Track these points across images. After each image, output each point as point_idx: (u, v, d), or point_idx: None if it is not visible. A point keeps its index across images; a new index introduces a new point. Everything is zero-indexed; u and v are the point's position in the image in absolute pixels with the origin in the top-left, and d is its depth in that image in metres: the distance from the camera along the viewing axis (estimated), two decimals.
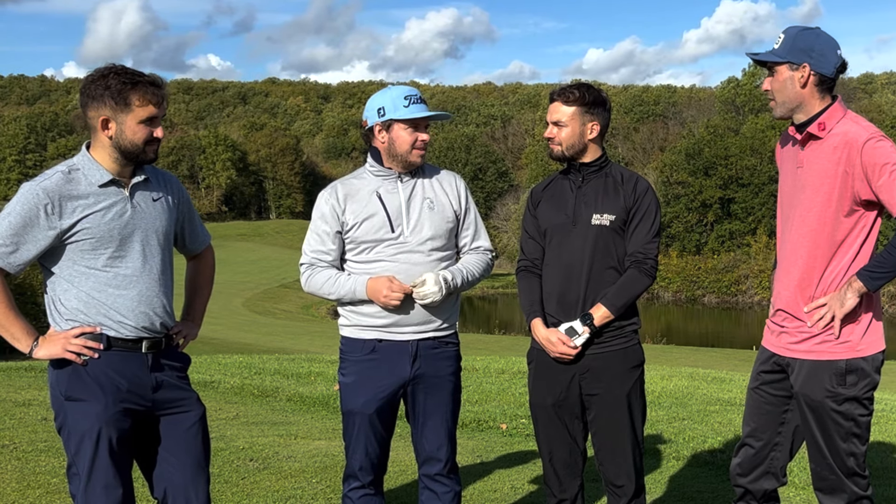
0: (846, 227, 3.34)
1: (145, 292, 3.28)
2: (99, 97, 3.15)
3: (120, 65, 3.21)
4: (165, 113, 3.27)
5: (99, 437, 3.20)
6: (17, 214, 3.12)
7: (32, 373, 9.92)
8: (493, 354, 17.80)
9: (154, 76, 3.22)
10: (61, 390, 3.26)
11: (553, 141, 3.82)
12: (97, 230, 3.18)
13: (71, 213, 3.15)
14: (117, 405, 3.23)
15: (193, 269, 3.70)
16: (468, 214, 3.86)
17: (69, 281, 3.23)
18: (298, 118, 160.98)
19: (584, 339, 3.71)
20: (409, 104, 3.68)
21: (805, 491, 5.33)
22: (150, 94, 3.17)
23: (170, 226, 3.40)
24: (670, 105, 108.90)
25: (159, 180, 3.42)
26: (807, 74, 3.35)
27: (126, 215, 3.24)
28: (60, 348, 3.20)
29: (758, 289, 58.78)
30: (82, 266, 3.21)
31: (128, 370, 3.27)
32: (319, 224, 3.77)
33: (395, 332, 3.71)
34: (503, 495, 5.27)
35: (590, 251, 3.74)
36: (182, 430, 3.39)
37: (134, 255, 3.26)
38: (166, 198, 3.40)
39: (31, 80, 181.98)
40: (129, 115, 3.16)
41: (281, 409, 8.09)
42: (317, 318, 48.97)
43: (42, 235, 3.14)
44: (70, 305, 3.23)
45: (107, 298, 3.23)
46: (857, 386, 3.36)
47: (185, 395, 3.43)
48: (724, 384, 11.03)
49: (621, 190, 3.80)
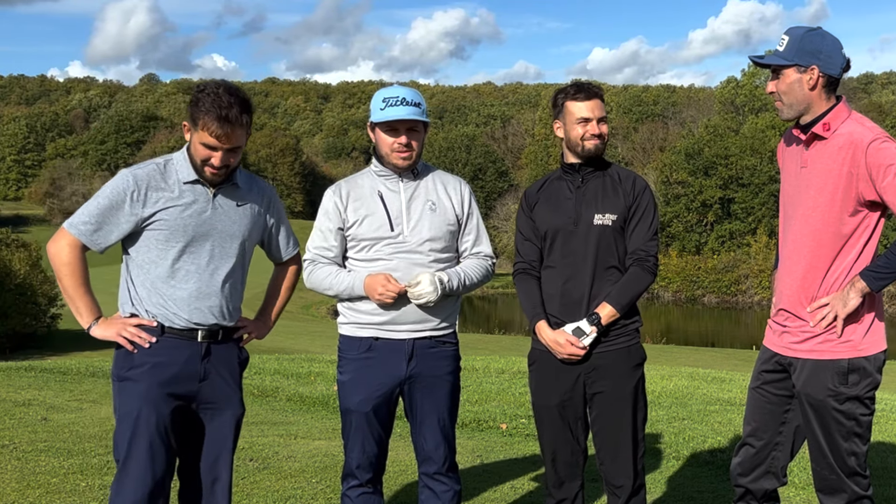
0: (849, 227, 3.34)
1: (204, 290, 3.41)
2: (190, 107, 3.33)
3: (224, 86, 3.29)
4: (240, 145, 3.34)
5: (139, 417, 3.31)
6: (106, 197, 3.34)
7: (32, 373, 9.91)
8: (493, 354, 17.80)
9: (235, 112, 3.25)
10: (116, 372, 3.41)
11: (600, 138, 3.77)
12: (173, 222, 3.34)
13: (154, 202, 3.34)
14: (161, 388, 3.34)
15: (276, 274, 3.85)
16: (471, 219, 3.86)
17: (140, 267, 3.40)
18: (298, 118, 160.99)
19: (591, 339, 3.71)
20: (386, 107, 3.65)
21: (805, 491, 5.33)
22: (216, 127, 3.26)
23: (251, 232, 3.52)
24: (670, 105, 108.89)
25: (251, 187, 3.54)
26: (816, 76, 3.34)
27: (205, 214, 3.39)
28: (115, 332, 3.36)
29: (758, 289, 58.77)
30: (154, 255, 3.37)
31: (178, 356, 3.39)
32: (323, 221, 3.79)
33: (391, 330, 3.71)
34: (503, 495, 5.27)
35: (593, 251, 3.74)
36: (214, 428, 3.49)
37: (202, 253, 3.40)
38: (252, 205, 3.53)
39: (31, 80, 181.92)
40: (195, 133, 3.32)
41: (281, 409, 8.08)
42: (317, 317, 48.94)
43: (125, 220, 3.34)
44: (140, 292, 3.39)
45: (167, 289, 3.38)
46: (858, 385, 3.36)
47: (229, 393, 3.51)
48: (724, 384, 11.03)
49: (620, 189, 3.80)
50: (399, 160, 3.70)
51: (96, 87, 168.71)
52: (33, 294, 30.05)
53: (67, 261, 3.34)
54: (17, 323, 28.45)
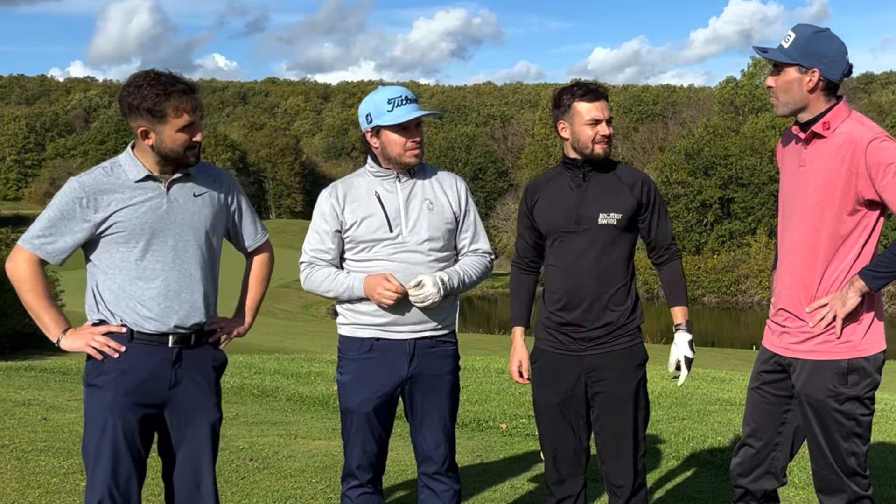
0: (848, 226, 3.33)
1: (173, 287, 3.32)
2: (135, 109, 3.20)
3: (153, 72, 3.23)
4: (203, 114, 3.31)
5: (105, 426, 3.27)
6: (55, 207, 3.27)
7: (32, 373, 9.90)
8: (492, 354, 17.78)
9: (187, 82, 3.24)
10: (85, 377, 3.36)
11: (608, 140, 3.76)
12: (129, 223, 3.26)
13: (106, 206, 3.25)
14: (127, 397, 3.28)
15: (247, 266, 3.71)
16: (468, 216, 3.85)
17: (104, 272, 3.32)
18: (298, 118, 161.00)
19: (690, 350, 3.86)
20: (393, 108, 3.63)
21: (805, 491, 5.33)
22: (184, 103, 3.19)
23: (213, 222, 3.42)
24: (669, 105, 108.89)
25: (206, 176, 3.44)
26: (816, 79, 3.33)
27: (161, 210, 3.30)
28: (84, 343, 3.30)
29: (757, 289, 58.80)
30: (116, 258, 3.30)
31: (147, 363, 3.32)
32: (319, 223, 3.77)
33: (392, 330, 3.71)
34: (503, 495, 5.27)
35: (598, 250, 3.73)
36: (189, 436, 3.42)
37: (165, 250, 3.32)
38: (211, 194, 3.43)
39: (31, 80, 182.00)
40: (165, 125, 3.21)
41: (281, 409, 8.08)
42: (317, 317, 48.94)
43: (78, 227, 3.26)
44: (105, 297, 3.33)
45: (135, 291, 3.30)
46: (858, 385, 3.35)
47: (203, 399, 3.42)
48: (724, 384, 11.03)
49: (625, 188, 3.79)
50: (413, 158, 3.69)
51: (96, 87, 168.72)
52: None
53: (25, 277, 3.27)
54: (17, 323, 28.41)
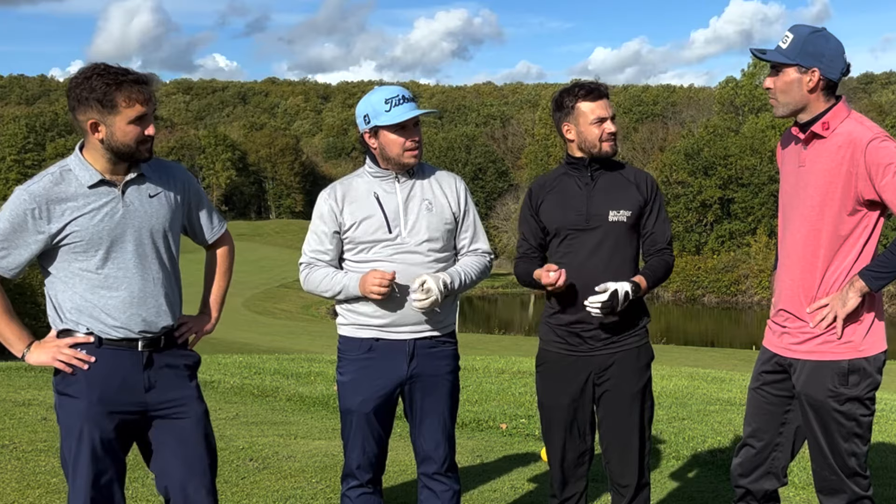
0: (848, 226, 3.33)
1: (137, 293, 3.21)
2: (84, 100, 3.07)
3: (103, 64, 3.11)
4: (156, 108, 3.20)
5: (81, 434, 3.18)
6: (6, 220, 3.10)
7: (32, 373, 9.89)
8: (492, 354, 17.81)
9: (139, 73, 3.13)
10: (56, 385, 3.26)
11: (614, 137, 3.78)
12: (86, 233, 3.12)
13: (60, 216, 3.10)
14: (101, 405, 3.19)
15: (208, 259, 3.61)
16: (467, 216, 3.84)
17: (64, 282, 3.19)
18: (298, 118, 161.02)
19: (608, 295, 3.57)
20: (391, 108, 3.61)
21: (805, 491, 5.33)
22: (136, 93, 3.07)
23: (171, 221, 3.31)
24: (669, 105, 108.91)
25: (161, 174, 3.32)
26: (816, 79, 3.33)
27: (117, 215, 3.16)
28: (51, 357, 3.19)
29: (758, 289, 58.83)
30: (76, 268, 3.17)
31: (118, 369, 3.21)
32: (318, 224, 3.76)
33: (392, 331, 3.70)
34: (503, 495, 5.26)
35: (609, 248, 3.73)
36: (179, 432, 3.33)
37: (126, 256, 3.19)
38: (167, 192, 3.31)
39: (31, 80, 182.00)
40: (116, 116, 3.07)
41: (281, 409, 8.09)
42: (317, 317, 48.98)
43: (32, 240, 3.11)
44: (66, 307, 3.21)
45: (98, 300, 3.18)
46: (859, 386, 3.35)
47: (183, 394, 3.34)
48: (724, 384, 11.04)
49: (632, 186, 3.80)
50: (412, 158, 3.68)
51: None
52: (33, 294, 29.97)
53: None
54: None
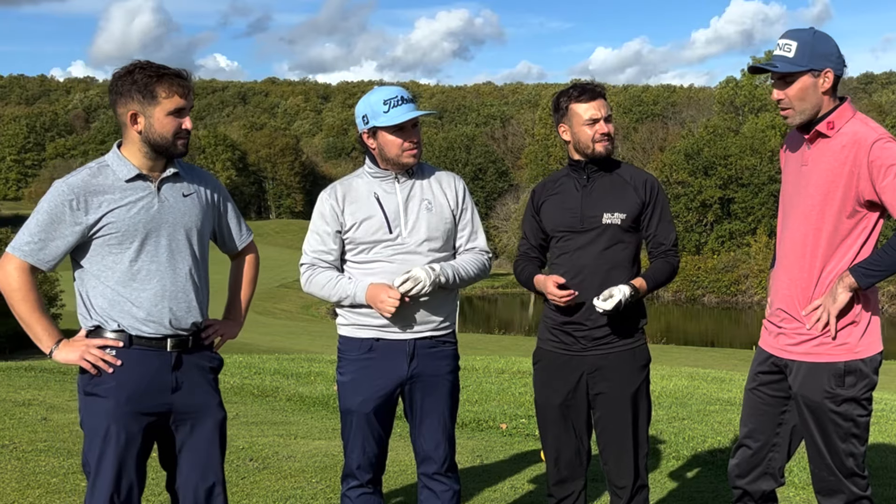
0: (847, 226, 3.33)
1: (169, 287, 3.26)
2: (126, 92, 3.16)
3: (145, 60, 3.22)
4: (193, 104, 3.29)
5: (107, 434, 3.19)
6: (44, 211, 3.16)
7: (32, 373, 9.91)
8: (493, 354, 17.82)
9: (179, 69, 3.23)
10: (82, 385, 3.28)
11: (609, 138, 3.77)
12: (122, 224, 3.18)
13: (97, 207, 3.16)
14: (130, 405, 3.21)
15: (234, 267, 3.68)
16: (465, 214, 3.84)
17: (96, 276, 3.23)
18: (298, 118, 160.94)
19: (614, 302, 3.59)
20: (389, 108, 3.62)
21: (804, 491, 5.34)
22: (177, 86, 3.17)
23: (203, 222, 3.37)
24: (669, 105, 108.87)
25: (193, 177, 3.40)
26: (831, 79, 3.34)
27: (153, 210, 3.23)
28: (78, 356, 3.19)
29: (757, 289, 58.82)
30: (109, 261, 3.21)
31: (147, 369, 3.24)
32: (320, 224, 3.77)
33: (392, 331, 3.71)
34: (503, 495, 5.27)
35: (602, 250, 3.74)
36: (198, 436, 3.36)
37: (160, 250, 3.25)
38: (200, 194, 3.38)
39: (31, 80, 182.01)
40: (156, 107, 3.16)
41: (281, 409, 8.09)
42: (317, 317, 48.97)
43: (69, 231, 3.16)
44: (97, 302, 3.24)
45: (129, 293, 3.21)
46: (855, 387, 3.36)
47: (206, 399, 3.37)
48: (724, 384, 11.05)
49: (630, 188, 3.80)
50: (410, 158, 3.68)
51: (96, 87, 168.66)
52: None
53: (18, 286, 3.17)
54: (17, 323, 28.27)
